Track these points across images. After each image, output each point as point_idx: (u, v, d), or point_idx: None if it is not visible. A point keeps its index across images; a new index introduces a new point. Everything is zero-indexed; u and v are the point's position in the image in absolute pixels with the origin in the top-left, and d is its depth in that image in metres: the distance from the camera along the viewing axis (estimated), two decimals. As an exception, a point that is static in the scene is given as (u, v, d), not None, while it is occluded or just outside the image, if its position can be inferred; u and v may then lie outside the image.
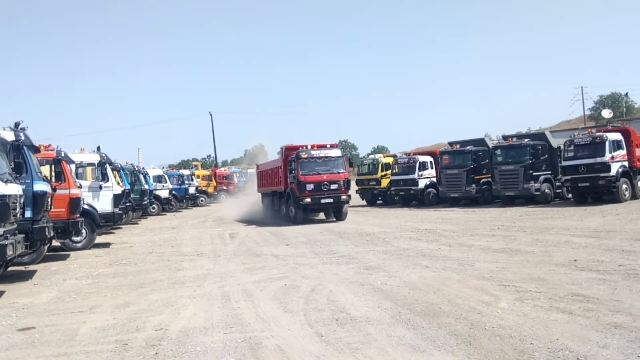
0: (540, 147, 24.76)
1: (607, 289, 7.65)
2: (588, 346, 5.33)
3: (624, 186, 21.78)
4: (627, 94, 64.84)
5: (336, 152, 21.82)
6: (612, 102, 62.02)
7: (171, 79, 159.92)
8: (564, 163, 22.95)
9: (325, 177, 20.91)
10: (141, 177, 27.16)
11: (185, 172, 40.67)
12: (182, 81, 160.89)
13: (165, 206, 33.83)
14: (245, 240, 16.83)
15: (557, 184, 24.68)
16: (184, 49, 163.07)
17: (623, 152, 22.04)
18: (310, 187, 20.66)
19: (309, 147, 21.51)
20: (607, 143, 21.65)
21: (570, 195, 23.92)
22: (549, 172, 24.77)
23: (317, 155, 21.20)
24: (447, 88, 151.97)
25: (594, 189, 22.18)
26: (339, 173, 21.31)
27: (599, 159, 21.58)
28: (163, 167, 40.48)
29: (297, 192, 20.90)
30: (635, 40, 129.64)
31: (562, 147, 23.68)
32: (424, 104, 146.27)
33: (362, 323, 6.62)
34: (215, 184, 44.81)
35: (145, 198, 27.66)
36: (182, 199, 37.14)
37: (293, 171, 21.10)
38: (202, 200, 41.21)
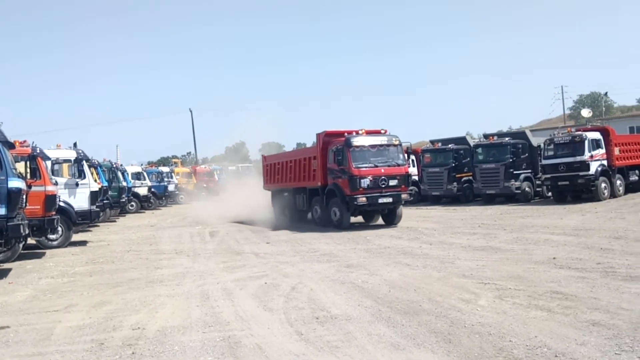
0: (520, 146, 24.99)
1: (586, 286, 7.71)
2: (566, 343, 5.35)
3: (603, 185, 22.07)
4: (606, 93, 65.70)
5: (394, 140, 17.62)
6: (591, 101, 62.87)
7: (151, 74, 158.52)
8: (544, 162, 23.20)
9: (383, 171, 16.93)
10: (119, 174, 26.79)
11: (165, 169, 40.25)
12: (162, 77, 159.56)
13: (144, 204, 33.44)
14: (225, 239, 16.69)
15: (537, 182, 24.93)
16: (163, 45, 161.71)
17: (602, 151, 22.33)
18: (365, 182, 16.64)
19: (361, 132, 17.56)
20: (586, 142, 21.93)
21: (550, 194, 24.18)
22: (529, 171, 25.01)
23: (373, 143, 17.26)
24: (429, 87, 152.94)
25: (573, 188, 22.46)
26: (398, 165, 17.32)
27: (578, 158, 21.84)
28: (142, 164, 40.01)
29: (347, 189, 16.81)
30: (614, 40, 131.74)
31: (542, 145, 23.93)
32: (405, 102, 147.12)
33: (343, 321, 6.57)
34: (195, 182, 44.44)
35: (124, 195, 27.31)
36: (161, 197, 36.75)
37: (341, 163, 16.90)
38: (181, 198, 40.81)
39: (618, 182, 23.01)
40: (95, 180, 18.29)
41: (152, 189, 34.61)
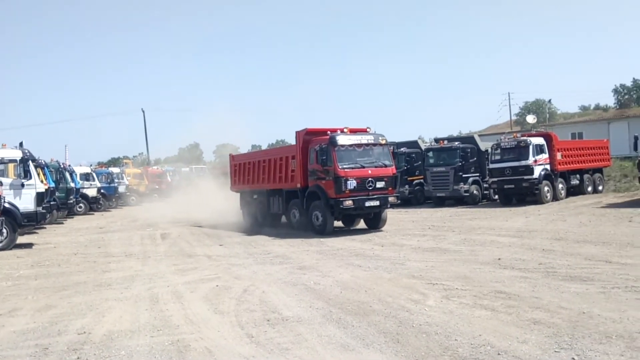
0: (469, 150, 25.66)
1: (528, 286, 8.01)
2: (508, 341, 5.56)
3: (546, 188, 22.93)
4: (550, 100, 68.14)
5: (381, 139, 16.52)
6: (536, 108, 64.99)
7: (101, 73, 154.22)
8: (491, 165, 23.91)
9: (370, 172, 15.77)
10: (67, 174, 25.99)
11: (115, 170, 39.30)
12: (113, 76, 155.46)
13: (93, 205, 32.57)
14: (177, 241, 16.47)
15: (485, 185, 25.65)
16: (114, 43, 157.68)
17: (545, 155, 23.19)
18: (352, 184, 15.42)
19: (345, 130, 16.40)
20: (530, 147, 22.72)
21: (496, 197, 24.93)
22: (478, 174, 25.70)
23: (360, 142, 16.10)
24: (382, 91, 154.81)
25: (518, 191, 23.23)
26: (385, 166, 16.18)
27: (523, 162, 22.61)
28: (91, 165, 38.90)
29: (331, 192, 15.56)
30: (558, 49, 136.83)
31: (489, 150, 24.65)
32: (358, 106, 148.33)
33: (294, 323, 6.62)
34: (147, 183, 43.60)
35: (72, 197, 26.50)
36: (111, 198, 35.90)
37: (325, 163, 15.55)
38: (132, 200, 39.95)
39: (560, 185, 23.95)
40: (42, 181, 17.66)
41: (102, 190, 33.76)
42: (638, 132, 20.58)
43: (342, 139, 15.84)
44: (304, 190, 16.76)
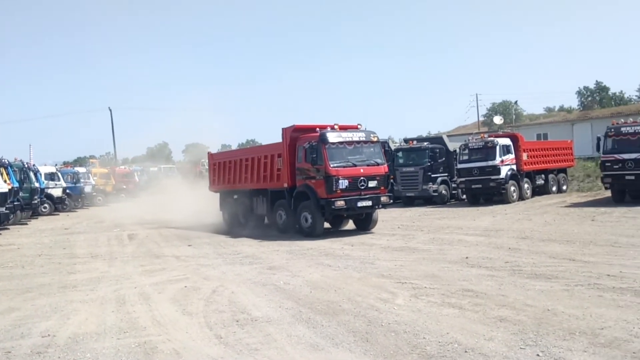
0: (438, 151, 25.95)
1: (495, 284, 8.14)
2: (475, 339, 5.64)
3: (512, 188, 23.36)
4: (516, 102, 69.58)
5: (372, 136, 15.83)
6: (503, 109, 66.19)
7: (67, 70, 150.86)
8: (459, 166, 24.24)
9: (362, 171, 15.10)
10: (31, 174, 25.37)
11: (81, 169, 38.51)
12: (79, 73, 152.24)
13: (58, 206, 31.83)
14: (145, 241, 16.22)
15: (453, 185, 25.97)
16: (80, 40, 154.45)
17: (512, 156, 23.62)
18: (344, 184, 14.73)
19: (336, 127, 15.63)
20: (497, 147, 23.12)
21: (464, 196, 25.28)
22: (446, 174, 26.01)
23: (351, 140, 15.39)
24: (350, 92, 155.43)
25: (485, 191, 23.61)
26: (377, 164, 15.50)
27: (490, 162, 22.99)
28: (56, 164, 38.04)
29: (322, 192, 14.81)
30: (524, 52, 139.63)
31: (457, 150, 24.98)
32: (326, 106, 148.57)
33: (263, 323, 6.59)
34: (114, 183, 42.84)
35: (36, 197, 25.88)
36: (77, 198, 35.13)
37: (315, 161, 14.80)
38: (99, 200, 39.20)
39: (526, 185, 24.43)
40: (5, 181, 17.24)
41: (67, 190, 32.99)
42: (600, 133, 21.07)
43: (333, 136, 15.11)
44: (291, 190, 15.98)
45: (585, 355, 5.05)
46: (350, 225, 17.10)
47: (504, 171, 23.03)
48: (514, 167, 23.66)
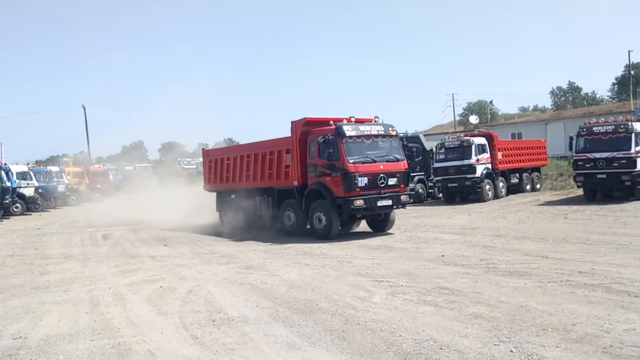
0: (415, 149, 26.03)
1: (470, 281, 8.23)
2: (451, 336, 5.70)
3: (487, 187, 23.64)
4: (491, 101, 70.47)
5: (391, 129, 14.79)
6: (478, 108, 66.95)
7: (39, 67, 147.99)
8: (436, 165, 24.44)
9: (382, 167, 14.01)
10: (2, 173, 24.89)
11: (54, 168, 37.79)
12: (52, 71, 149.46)
13: (31, 205, 31.20)
14: (119, 241, 16.00)
15: (430, 184, 26.16)
16: (54, 38, 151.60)
17: (487, 155, 23.90)
18: (363, 181, 13.62)
19: (352, 119, 14.55)
20: (473, 147, 23.37)
21: (440, 195, 25.49)
22: (423, 173, 26.18)
23: (370, 133, 14.26)
24: (327, 90, 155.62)
25: (461, 189, 23.84)
26: (397, 160, 14.44)
27: (466, 162, 23.23)
28: (29, 163, 37.30)
29: (339, 190, 13.67)
30: (499, 52, 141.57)
31: (434, 149, 25.18)
32: (302, 105, 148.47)
33: (240, 323, 6.56)
34: (88, 182, 42.16)
35: (7, 196, 25.37)
36: (50, 198, 34.49)
37: (331, 157, 13.64)
38: (72, 199, 38.54)
39: (501, 184, 24.73)
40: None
41: (40, 190, 32.38)
42: (573, 132, 21.42)
43: (351, 130, 13.95)
44: (302, 189, 14.80)
45: (558, 350, 5.14)
46: (361, 226, 15.99)
47: (480, 170, 23.29)
48: (489, 166, 23.93)
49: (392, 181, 14.06)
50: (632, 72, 55.05)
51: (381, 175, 13.91)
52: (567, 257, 9.88)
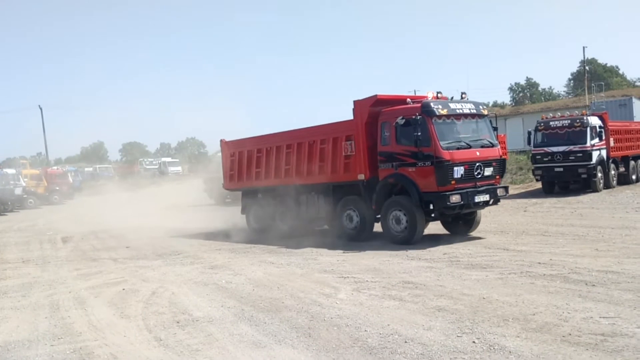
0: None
1: (433, 275, 8.36)
2: (415, 329, 5.77)
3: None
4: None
5: (483, 108, 12.37)
6: (440, 105, 67.95)
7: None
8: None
9: (478, 154, 11.63)
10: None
11: (11, 171, 36.72)
12: (6, 71, 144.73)
13: (-14, 209, 30.28)
14: (80, 244, 15.63)
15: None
16: (7, 38, 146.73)
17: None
18: (459, 172, 11.17)
19: (440, 95, 12.10)
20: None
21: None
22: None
23: (461, 112, 11.78)
24: (269, 89, 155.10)
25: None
26: (492, 146, 12.02)
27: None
28: (-17, 166, 36.14)
29: (429, 183, 11.19)
30: (459, 49, 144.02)
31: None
32: (260, 112, 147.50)
33: (204, 323, 6.50)
34: (46, 184, 41.08)
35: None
36: (6, 201, 33.48)
37: (418, 142, 11.06)
38: (30, 203, 37.48)
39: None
40: None
41: (-5, 193, 31.42)
42: (531, 127, 21.93)
43: (442, 108, 11.45)
44: (370, 184, 12.30)
45: (518, 340, 5.26)
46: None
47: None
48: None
49: (487, 171, 11.70)
50: (587, 67, 56.77)
51: (477, 163, 11.48)
52: (526, 249, 10.13)
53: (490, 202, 11.86)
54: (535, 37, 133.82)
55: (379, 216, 12.28)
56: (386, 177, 11.96)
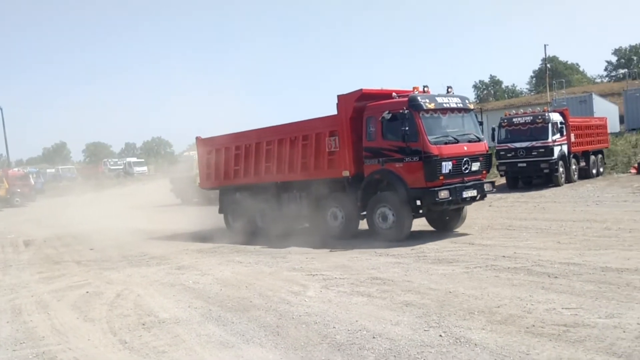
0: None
1: (401, 271, 8.43)
2: (383, 325, 5.81)
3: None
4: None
5: (469, 102, 12.46)
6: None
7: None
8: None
9: (466, 149, 11.55)
10: None
11: (-31, 173, 35.63)
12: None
13: (-57, 213, 29.29)
14: (42, 247, 15.24)
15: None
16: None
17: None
18: (447, 167, 11.06)
19: (427, 89, 11.99)
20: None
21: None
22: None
23: (448, 106, 11.64)
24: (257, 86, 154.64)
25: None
26: (478, 140, 12.01)
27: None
28: (-61, 169, 34.93)
29: (417, 178, 11.02)
30: (425, 48, 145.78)
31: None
32: (215, 108, 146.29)
33: (171, 325, 6.41)
34: (7, 187, 39.94)
35: None
36: (-35, 205, 32.49)
37: (405, 136, 10.85)
38: (-10, 205, 36.42)
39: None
40: None
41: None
42: (495, 124, 22.33)
43: (428, 102, 11.29)
44: (355, 180, 12.06)
45: (484, 332, 5.35)
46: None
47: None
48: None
49: (475, 166, 11.60)
50: (548, 65, 58.06)
51: (465, 158, 11.37)
52: (491, 243, 10.31)
53: (478, 198, 11.76)
54: (498, 35, 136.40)
55: (364, 213, 12.12)
56: (372, 173, 11.76)
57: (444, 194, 10.83)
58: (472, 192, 11.45)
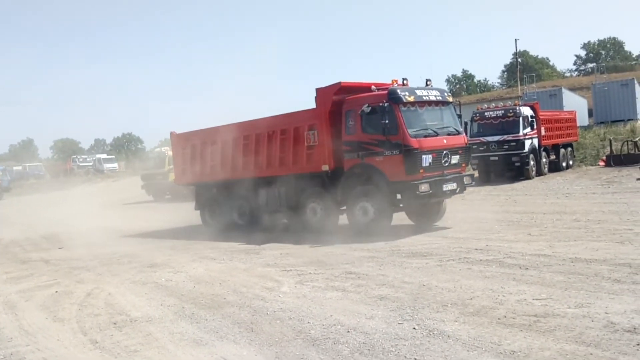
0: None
1: (375, 265, 8.45)
2: (357, 319, 5.81)
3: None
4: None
5: (448, 95, 12.28)
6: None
7: None
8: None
9: (445, 142, 11.51)
10: None
11: None
12: None
13: None
14: (9, 246, 14.87)
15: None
16: None
17: None
18: (427, 160, 10.98)
19: (406, 82, 11.87)
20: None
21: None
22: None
23: (428, 99, 11.58)
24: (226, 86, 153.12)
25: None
26: (458, 133, 12.01)
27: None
28: None
29: (398, 172, 10.94)
30: (398, 42, 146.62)
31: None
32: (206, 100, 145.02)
33: (143, 323, 6.32)
34: (-28, 185, 38.94)
35: None
36: None
37: (386, 130, 10.80)
38: (-45, 204, 35.46)
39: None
40: None
41: None
42: (467, 118, 22.52)
43: (408, 94, 11.18)
44: (334, 175, 11.94)
45: (457, 324, 5.39)
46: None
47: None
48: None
49: (454, 159, 11.55)
50: (519, 59, 58.90)
51: (445, 151, 11.31)
52: (464, 236, 10.41)
53: (457, 191, 11.73)
54: (470, 30, 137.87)
55: (343, 208, 12.04)
56: (352, 168, 11.66)
57: (424, 188, 10.79)
58: (452, 185, 11.43)
